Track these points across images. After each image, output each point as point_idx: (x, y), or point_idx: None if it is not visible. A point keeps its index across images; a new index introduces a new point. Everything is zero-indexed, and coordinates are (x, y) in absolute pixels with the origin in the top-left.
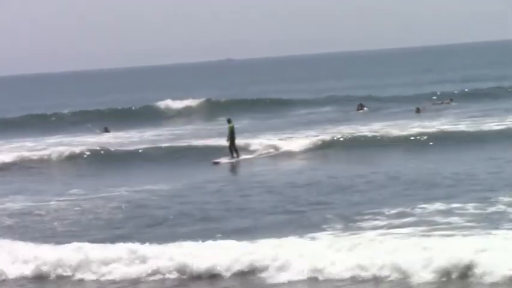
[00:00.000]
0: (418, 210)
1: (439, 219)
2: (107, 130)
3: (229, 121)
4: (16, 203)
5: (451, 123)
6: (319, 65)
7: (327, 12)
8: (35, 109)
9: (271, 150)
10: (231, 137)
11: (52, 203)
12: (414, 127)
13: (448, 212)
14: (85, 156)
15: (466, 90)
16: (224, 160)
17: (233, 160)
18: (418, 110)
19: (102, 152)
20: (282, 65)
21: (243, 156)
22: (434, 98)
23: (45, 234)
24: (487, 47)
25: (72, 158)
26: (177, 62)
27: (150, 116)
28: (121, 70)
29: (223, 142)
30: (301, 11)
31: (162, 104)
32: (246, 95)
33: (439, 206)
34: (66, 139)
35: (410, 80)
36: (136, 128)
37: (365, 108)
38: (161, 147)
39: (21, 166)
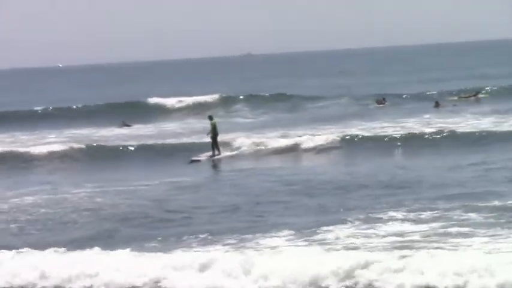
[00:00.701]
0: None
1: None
2: (126, 124)
3: (211, 118)
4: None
5: (474, 119)
6: (338, 61)
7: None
8: (34, 103)
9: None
10: (214, 133)
11: (67, 195)
12: (435, 123)
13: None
14: (99, 150)
15: (489, 87)
16: (204, 157)
17: (214, 157)
18: (437, 105)
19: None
20: (302, 60)
21: (224, 154)
22: (471, 88)
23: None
24: (494, 46)
25: (87, 151)
26: (196, 57)
27: (165, 110)
28: (134, 64)
29: (231, 137)
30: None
31: (177, 99)
32: (263, 90)
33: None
34: (85, 131)
35: (423, 77)
36: (153, 122)
37: (386, 102)
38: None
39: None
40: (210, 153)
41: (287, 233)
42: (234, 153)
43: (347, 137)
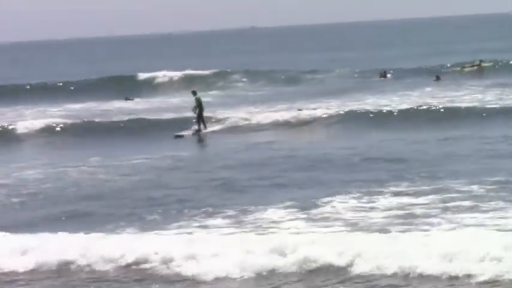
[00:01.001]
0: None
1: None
2: (128, 98)
3: (194, 93)
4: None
5: (475, 92)
6: (342, 34)
7: None
8: (31, 78)
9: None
10: (199, 108)
11: (68, 169)
12: (436, 97)
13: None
14: (98, 124)
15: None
16: (189, 132)
17: (200, 132)
18: (437, 78)
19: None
20: (306, 34)
21: (210, 129)
22: (484, 58)
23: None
24: (495, 19)
25: (87, 126)
26: (197, 30)
27: (164, 84)
28: (134, 37)
29: (222, 111)
30: None
31: (176, 73)
32: (262, 64)
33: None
34: (86, 106)
35: (427, 51)
36: (153, 96)
37: (388, 75)
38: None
39: (34, 134)
40: (196, 127)
41: (287, 206)
42: (220, 127)
43: (347, 111)
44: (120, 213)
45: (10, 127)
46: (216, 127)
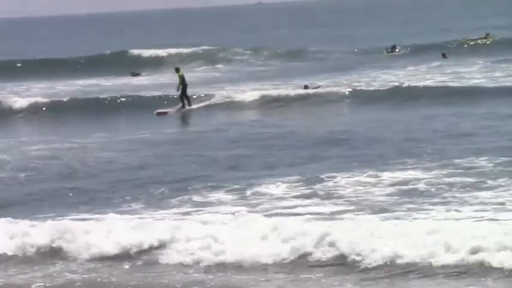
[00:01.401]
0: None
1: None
2: (134, 73)
3: (177, 70)
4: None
5: (483, 69)
6: (349, 10)
7: None
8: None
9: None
10: (183, 85)
11: (74, 145)
12: (443, 74)
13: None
14: (100, 101)
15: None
16: (172, 110)
17: (184, 109)
18: (444, 56)
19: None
20: (314, 9)
21: (194, 106)
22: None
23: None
24: None
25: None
26: (203, 6)
27: (165, 60)
28: (138, 13)
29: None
30: None
31: (177, 50)
32: (267, 41)
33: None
34: (93, 81)
35: (432, 28)
36: (159, 73)
37: (397, 50)
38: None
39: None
40: (180, 105)
41: (289, 181)
42: (204, 104)
43: (354, 87)
44: (123, 188)
45: (10, 103)
46: (204, 103)
